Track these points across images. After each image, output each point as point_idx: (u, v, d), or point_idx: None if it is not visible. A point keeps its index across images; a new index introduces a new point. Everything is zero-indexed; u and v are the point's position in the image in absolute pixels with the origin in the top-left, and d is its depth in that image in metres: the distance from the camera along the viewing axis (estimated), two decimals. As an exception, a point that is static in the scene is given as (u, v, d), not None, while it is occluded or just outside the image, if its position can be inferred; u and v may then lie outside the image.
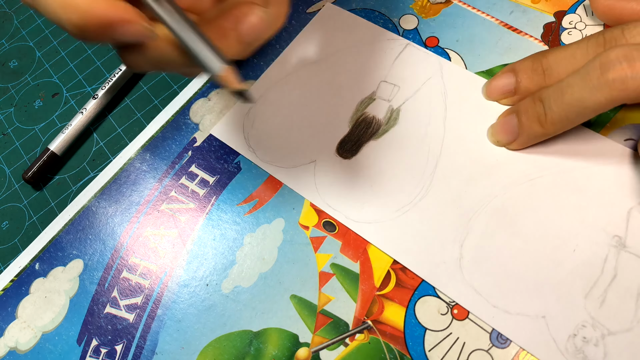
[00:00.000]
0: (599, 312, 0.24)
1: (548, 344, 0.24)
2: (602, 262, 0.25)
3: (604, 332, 0.23)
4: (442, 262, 0.26)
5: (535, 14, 0.32)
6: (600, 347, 0.23)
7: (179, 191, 0.32)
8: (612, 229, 0.25)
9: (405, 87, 0.31)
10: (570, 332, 0.24)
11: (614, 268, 0.25)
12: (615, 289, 0.24)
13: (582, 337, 0.24)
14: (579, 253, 0.25)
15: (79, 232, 0.32)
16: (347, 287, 0.27)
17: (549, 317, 0.24)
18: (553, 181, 0.27)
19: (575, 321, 0.24)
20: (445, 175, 0.28)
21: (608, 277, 0.24)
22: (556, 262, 0.25)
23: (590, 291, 0.24)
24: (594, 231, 0.25)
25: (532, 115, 0.27)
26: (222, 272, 0.29)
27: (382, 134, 0.30)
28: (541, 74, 0.27)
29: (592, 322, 0.24)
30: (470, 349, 0.24)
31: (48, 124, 0.38)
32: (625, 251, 0.25)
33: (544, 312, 0.24)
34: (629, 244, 0.25)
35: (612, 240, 0.25)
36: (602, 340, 0.23)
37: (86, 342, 0.29)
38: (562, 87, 0.25)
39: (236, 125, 0.33)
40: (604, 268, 0.25)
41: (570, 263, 0.25)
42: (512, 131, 0.28)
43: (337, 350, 0.26)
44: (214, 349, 0.27)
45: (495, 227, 0.27)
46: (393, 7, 0.34)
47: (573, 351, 0.23)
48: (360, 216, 0.29)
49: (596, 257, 0.25)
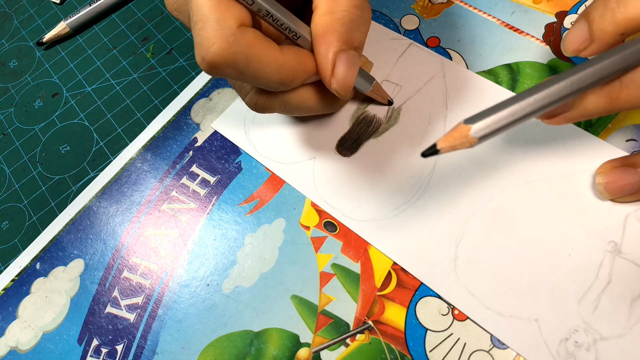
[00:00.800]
0: (592, 317, 0.24)
1: (540, 347, 0.24)
2: (597, 267, 0.25)
3: (596, 337, 0.23)
4: (437, 262, 0.26)
5: (536, 14, 0.32)
6: (592, 352, 0.23)
7: (180, 191, 0.32)
8: (608, 235, 0.25)
9: (407, 86, 0.31)
10: (563, 336, 0.24)
11: (608, 274, 0.24)
12: (609, 295, 0.24)
13: (574, 341, 0.23)
14: (574, 257, 0.25)
15: (80, 232, 0.32)
16: (347, 287, 0.27)
17: (541, 321, 0.24)
18: (551, 185, 0.27)
19: (568, 325, 0.24)
20: (443, 175, 0.28)
21: (602, 283, 0.24)
22: (551, 266, 0.25)
23: (584, 296, 0.24)
24: (590, 236, 0.25)
25: None
26: (223, 272, 0.29)
27: (382, 133, 0.30)
28: None
29: (585, 326, 0.24)
30: (471, 350, 0.24)
31: (48, 124, 0.38)
32: (621, 257, 0.25)
33: (537, 315, 0.24)
34: (624, 250, 0.25)
35: (608, 246, 0.25)
36: (594, 345, 0.23)
37: (87, 342, 0.29)
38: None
39: (237, 120, 0.33)
40: (599, 273, 0.25)
41: (565, 267, 0.25)
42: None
43: (337, 350, 0.26)
44: (214, 349, 0.27)
45: (492, 229, 0.27)
46: (394, 8, 0.34)
47: (565, 355, 0.23)
48: (357, 214, 0.29)
49: (591, 262, 0.25)
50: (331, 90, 0.25)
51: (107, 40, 0.40)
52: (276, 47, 0.23)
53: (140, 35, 0.40)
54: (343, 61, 0.24)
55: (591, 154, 0.27)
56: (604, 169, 0.26)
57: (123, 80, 0.38)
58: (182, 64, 0.38)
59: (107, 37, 0.41)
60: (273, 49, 0.23)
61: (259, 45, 0.22)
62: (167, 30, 0.39)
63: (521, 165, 0.28)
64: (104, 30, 0.41)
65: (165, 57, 0.38)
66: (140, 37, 0.40)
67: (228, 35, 0.21)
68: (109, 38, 0.40)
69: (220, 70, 0.22)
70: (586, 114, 0.23)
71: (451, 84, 0.31)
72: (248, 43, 0.22)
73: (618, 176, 0.25)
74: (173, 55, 0.38)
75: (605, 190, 0.26)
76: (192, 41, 0.38)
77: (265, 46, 0.23)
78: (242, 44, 0.22)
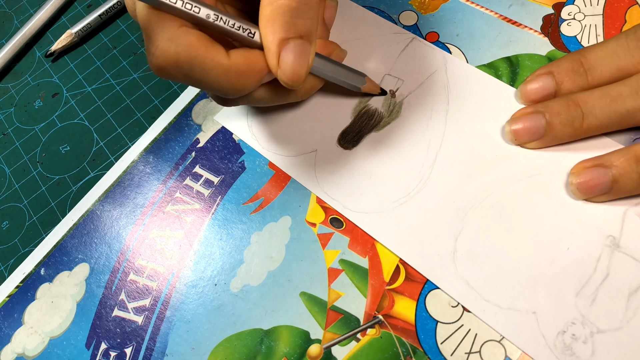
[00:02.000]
0: (590, 310, 0.24)
1: (537, 340, 0.24)
2: (595, 261, 0.25)
3: (593, 330, 0.24)
4: (436, 254, 0.27)
5: (533, 6, 0.32)
6: (589, 344, 0.23)
7: (183, 192, 0.32)
8: (606, 229, 0.25)
9: (409, 80, 0.31)
10: (560, 328, 0.24)
11: (606, 267, 0.25)
12: (607, 288, 0.24)
13: (572, 334, 0.24)
14: (572, 251, 0.25)
15: (84, 236, 0.32)
16: (356, 282, 0.27)
17: (539, 313, 0.24)
18: (550, 179, 0.27)
19: (565, 318, 0.24)
20: (444, 168, 0.29)
21: (600, 276, 0.24)
22: (549, 259, 0.25)
23: (581, 289, 0.24)
24: (588, 230, 0.26)
25: (565, 118, 0.26)
26: (230, 271, 0.29)
27: (384, 126, 0.31)
28: (583, 75, 0.27)
29: (582, 319, 0.24)
30: (482, 340, 0.25)
31: (48, 124, 0.38)
32: (619, 251, 0.25)
33: (534, 307, 0.25)
34: (622, 245, 0.25)
35: (607, 240, 0.25)
36: (591, 338, 0.23)
37: (95, 346, 0.29)
38: (610, 94, 0.25)
39: (240, 113, 0.33)
40: (597, 267, 0.25)
41: (563, 261, 0.25)
42: (537, 132, 0.27)
43: (349, 345, 0.26)
44: (224, 348, 0.27)
45: (491, 222, 0.27)
46: (392, 4, 0.35)
47: (562, 347, 0.23)
48: (358, 206, 0.29)
49: (589, 256, 0.25)
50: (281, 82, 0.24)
51: (107, 40, 0.40)
52: (222, 51, 0.23)
53: (140, 35, 0.40)
54: (289, 51, 0.23)
55: (591, 149, 0.27)
56: (576, 169, 0.26)
57: (123, 80, 0.38)
58: (181, 65, 0.37)
59: (107, 37, 0.40)
60: (218, 52, 0.22)
61: (201, 47, 0.22)
62: (165, 31, 0.39)
63: (521, 159, 0.28)
64: (104, 31, 0.41)
65: (164, 58, 0.38)
66: (141, 37, 0.40)
67: (168, 37, 0.21)
68: (109, 38, 0.40)
69: (167, 72, 0.22)
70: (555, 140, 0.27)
71: (453, 78, 0.31)
72: (189, 44, 0.22)
73: (589, 176, 0.25)
74: (171, 56, 0.38)
75: (578, 190, 0.26)
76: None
77: (209, 49, 0.22)
78: (182, 44, 0.22)
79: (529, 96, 0.28)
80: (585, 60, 0.27)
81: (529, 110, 0.28)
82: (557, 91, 0.27)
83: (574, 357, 0.23)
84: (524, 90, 0.29)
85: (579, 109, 0.26)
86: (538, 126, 0.27)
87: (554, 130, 0.26)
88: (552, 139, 0.27)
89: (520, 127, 0.27)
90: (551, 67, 0.28)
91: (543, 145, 0.27)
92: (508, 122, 0.28)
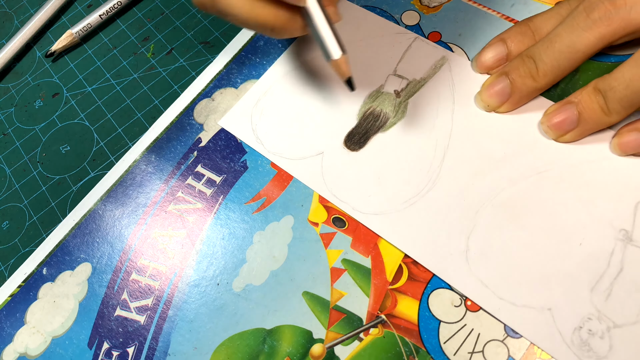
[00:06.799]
0: (605, 305, 0.24)
1: (554, 336, 0.24)
2: (609, 255, 0.25)
3: (609, 325, 0.24)
4: (448, 254, 0.27)
5: (536, 5, 0.32)
6: (606, 339, 0.23)
7: (185, 192, 0.32)
8: (619, 223, 0.25)
9: (413, 80, 0.31)
10: (576, 324, 0.24)
11: (620, 261, 0.25)
12: (622, 283, 0.24)
13: (588, 329, 0.24)
14: (585, 246, 0.25)
15: (86, 236, 0.32)
16: (359, 282, 0.27)
17: (555, 310, 0.24)
18: (560, 175, 0.27)
19: (581, 314, 0.24)
20: (452, 167, 0.29)
21: (614, 271, 0.25)
22: (562, 255, 0.25)
23: (596, 284, 0.24)
24: (600, 225, 0.26)
25: (523, 71, 0.28)
26: (233, 271, 0.29)
27: (390, 127, 0.31)
28: (531, 36, 0.29)
29: (598, 314, 0.24)
30: (485, 340, 0.25)
31: (48, 124, 0.38)
32: (632, 245, 0.25)
33: (550, 304, 0.25)
34: (635, 238, 0.25)
35: (619, 234, 0.25)
36: (608, 332, 0.23)
37: (97, 346, 0.29)
38: (550, 37, 0.27)
39: (244, 117, 0.33)
40: (610, 261, 0.25)
41: (576, 256, 0.25)
42: (504, 92, 0.28)
43: (351, 345, 0.26)
44: (227, 348, 0.27)
45: (502, 220, 0.27)
46: (394, 4, 0.35)
47: (579, 343, 0.23)
48: (367, 208, 0.29)
49: (602, 251, 0.25)
50: None
51: (107, 40, 0.40)
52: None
53: (140, 35, 0.40)
54: None
55: (600, 144, 0.27)
56: (547, 111, 0.28)
57: (123, 80, 0.38)
58: (183, 64, 0.37)
59: (107, 37, 0.40)
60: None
61: None
62: (167, 30, 0.39)
63: (529, 156, 0.28)
64: (104, 31, 0.41)
65: (165, 57, 0.38)
66: (141, 37, 0.39)
67: None
68: (109, 38, 0.40)
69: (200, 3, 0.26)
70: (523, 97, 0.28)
71: (458, 77, 0.31)
72: None
73: (557, 113, 0.27)
74: (173, 55, 0.38)
75: (549, 128, 0.28)
76: (193, 41, 0.38)
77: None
78: None
79: (485, 65, 0.30)
80: (532, 23, 0.29)
81: (493, 76, 0.29)
82: (508, 54, 0.29)
83: (592, 353, 0.23)
84: (480, 61, 0.30)
85: (531, 60, 0.28)
86: (504, 86, 0.28)
87: (518, 86, 0.28)
88: (520, 96, 0.28)
89: (490, 91, 0.29)
90: (501, 35, 0.30)
91: (514, 105, 0.29)
92: (478, 92, 0.30)
